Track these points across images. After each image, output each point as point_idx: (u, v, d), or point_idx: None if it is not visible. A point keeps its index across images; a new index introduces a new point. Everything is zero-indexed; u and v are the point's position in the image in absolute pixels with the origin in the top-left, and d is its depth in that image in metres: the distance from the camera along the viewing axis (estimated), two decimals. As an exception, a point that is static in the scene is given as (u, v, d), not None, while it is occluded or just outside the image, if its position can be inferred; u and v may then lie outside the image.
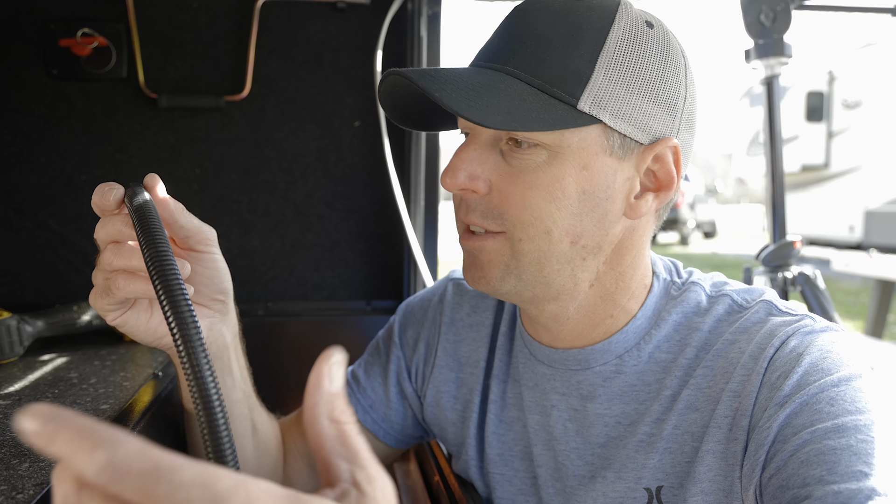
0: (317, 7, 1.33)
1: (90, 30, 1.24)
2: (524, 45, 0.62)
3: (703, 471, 0.62)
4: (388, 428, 0.89)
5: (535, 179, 0.62)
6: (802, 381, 0.57)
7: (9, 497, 0.50)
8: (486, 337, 0.83)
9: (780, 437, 0.55)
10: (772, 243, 1.77)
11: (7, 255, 1.27)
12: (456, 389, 0.83)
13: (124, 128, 1.29)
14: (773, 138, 1.77)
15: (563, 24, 0.62)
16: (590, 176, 0.62)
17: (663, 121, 0.63)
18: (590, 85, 0.60)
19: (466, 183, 0.64)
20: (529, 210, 0.62)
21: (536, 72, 0.61)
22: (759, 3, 1.65)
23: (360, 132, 1.38)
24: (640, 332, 0.69)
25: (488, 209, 0.65)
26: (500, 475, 0.78)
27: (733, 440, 0.60)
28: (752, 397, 0.59)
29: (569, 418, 0.72)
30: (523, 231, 0.63)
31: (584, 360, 0.71)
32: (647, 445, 0.66)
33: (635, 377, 0.69)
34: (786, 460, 0.53)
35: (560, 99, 0.60)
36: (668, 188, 0.66)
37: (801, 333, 0.61)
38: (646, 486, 0.66)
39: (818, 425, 0.53)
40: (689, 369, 0.66)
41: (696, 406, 0.64)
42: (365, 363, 0.92)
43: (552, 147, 0.61)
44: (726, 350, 0.64)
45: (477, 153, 0.64)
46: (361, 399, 0.89)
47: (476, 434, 0.81)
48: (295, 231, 1.38)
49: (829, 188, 7.96)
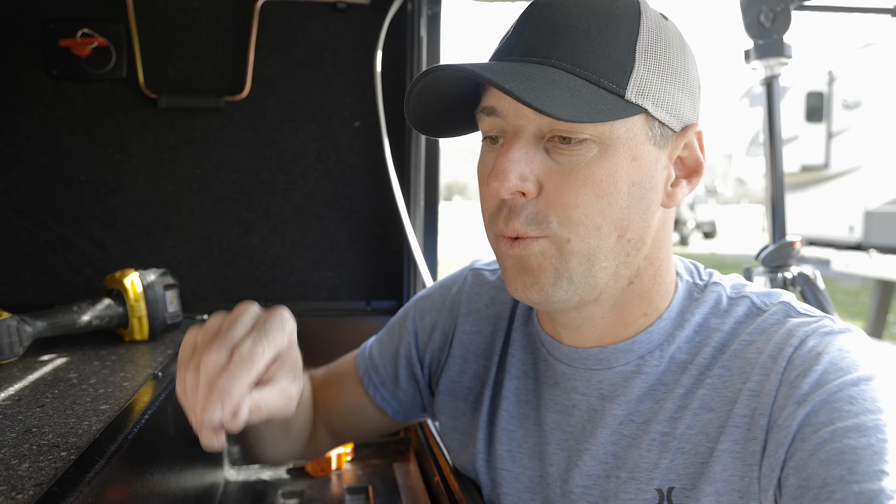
0: (317, 7, 1.33)
1: (90, 30, 1.24)
2: (563, 37, 0.60)
3: (718, 471, 0.61)
4: (396, 406, 0.92)
5: (588, 176, 0.60)
6: (822, 379, 0.56)
7: (9, 497, 0.50)
8: (502, 331, 0.82)
9: (799, 436, 0.54)
10: (772, 243, 1.77)
11: (7, 255, 1.27)
12: (470, 380, 0.84)
13: (124, 128, 1.29)
14: (773, 139, 1.77)
15: (595, 15, 0.61)
16: (638, 167, 0.62)
17: (688, 108, 0.64)
18: (634, 74, 0.60)
19: (518, 185, 0.61)
20: (581, 208, 0.60)
21: (582, 63, 0.59)
22: (758, 4, 1.65)
23: (360, 132, 1.38)
24: (664, 334, 0.69)
25: (535, 213, 0.62)
26: (508, 472, 0.77)
27: (751, 440, 0.59)
28: (771, 396, 0.59)
29: (588, 418, 0.71)
30: (572, 230, 0.61)
31: (605, 360, 0.70)
32: (661, 445, 0.66)
33: (654, 378, 0.68)
34: (805, 459, 0.52)
35: (608, 89, 0.59)
36: (697, 173, 0.67)
37: (819, 334, 0.61)
38: (657, 487, 0.65)
39: (838, 424, 0.52)
40: (705, 369, 0.66)
41: (712, 406, 0.64)
42: (380, 342, 0.94)
43: (602, 140, 0.60)
44: (744, 350, 0.64)
45: (523, 153, 0.61)
46: (373, 376, 0.92)
47: (486, 428, 0.80)
48: (295, 231, 1.38)
49: (829, 188, 7.95)
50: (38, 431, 0.65)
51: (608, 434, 0.69)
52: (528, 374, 0.78)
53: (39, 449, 0.60)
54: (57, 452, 0.59)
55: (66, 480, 0.53)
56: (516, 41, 0.63)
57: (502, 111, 0.63)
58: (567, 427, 0.73)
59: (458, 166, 67.33)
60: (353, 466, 1.22)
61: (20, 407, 0.73)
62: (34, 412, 0.71)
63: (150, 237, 1.32)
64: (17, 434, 0.64)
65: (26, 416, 0.69)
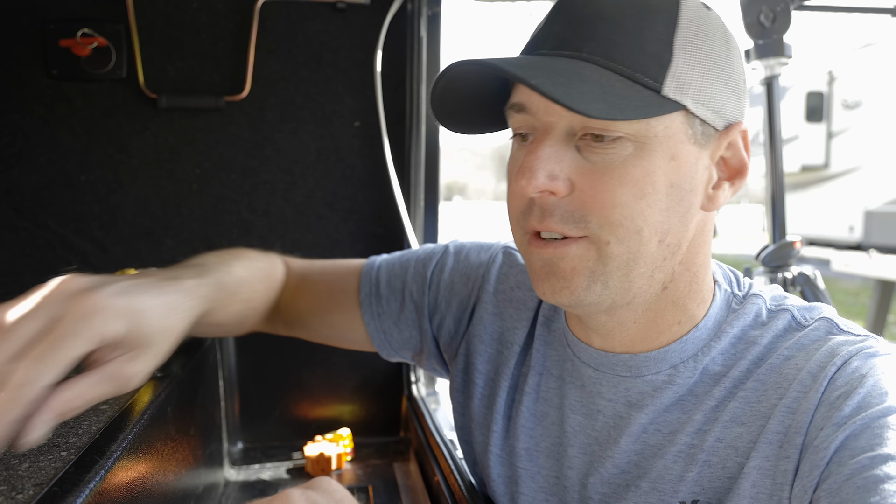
0: (317, 7, 1.33)
1: (90, 30, 1.24)
2: (595, 30, 0.57)
3: (746, 487, 0.59)
4: (385, 342, 0.89)
5: (623, 175, 0.57)
6: (864, 403, 0.54)
7: (9, 497, 0.50)
8: (526, 320, 0.78)
9: (835, 459, 0.52)
10: (772, 243, 1.77)
11: (7, 255, 1.27)
12: (486, 364, 0.80)
13: (124, 128, 1.29)
14: (773, 138, 1.77)
15: (630, 5, 0.58)
16: (677, 167, 0.59)
17: (732, 104, 0.61)
18: (671, 68, 0.56)
19: (546, 184, 0.58)
20: (619, 209, 0.57)
21: (616, 56, 0.56)
22: (758, 4, 1.65)
23: (360, 132, 1.38)
24: (699, 344, 0.65)
25: (570, 212, 0.58)
26: (525, 470, 0.75)
27: (784, 458, 0.57)
28: (809, 415, 0.56)
29: (613, 425, 0.68)
30: (612, 233, 0.58)
31: (635, 368, 0.67)
32: (687, 457, 0.63)
33: (686, 389, 0.65)
34: (841, 484, 0.50)
35: (644, 84, 0.56)
36: (742, 175, 0.63)
37: (864, 355, 0.58)
38: (681, 500, 0.63)
39: (878, 451, 0.50)
40: (739, 382, 0.63)
41: (743, 420, 0.61)
42: (390, 271, 0.89)
43: (638, 138, 0.57)
44: (781, 365, 0.61)
45: (553, 150, 0.58)
46: (374, 304, 0.88)
47: (502, 422, 0.77)
48: (295, 231, 1.38)
49: (829, 188, 7.96)
50: (38, 431, 0.65)
51: (631, 442, 0.66)
52: (552, 371, 0.75)
53: (39, 449, 0.60)
54: (57, 452, 0.59)
55: (66, 480, 0.53)
56: (547, 34, 0.60)
57: (532, 108, 0.60)
58: (591, 431, 0.70)
59: (458, 166, 67.11)
60: (353, 466, 1.22)
61: (20, 407, 0.73)
62: (34, 412, 0.71)
63: (150, 237, 1.32)
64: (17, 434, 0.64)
65: (26, 416, 0.69)
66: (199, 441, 0.99)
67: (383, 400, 1.39)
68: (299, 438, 1.28)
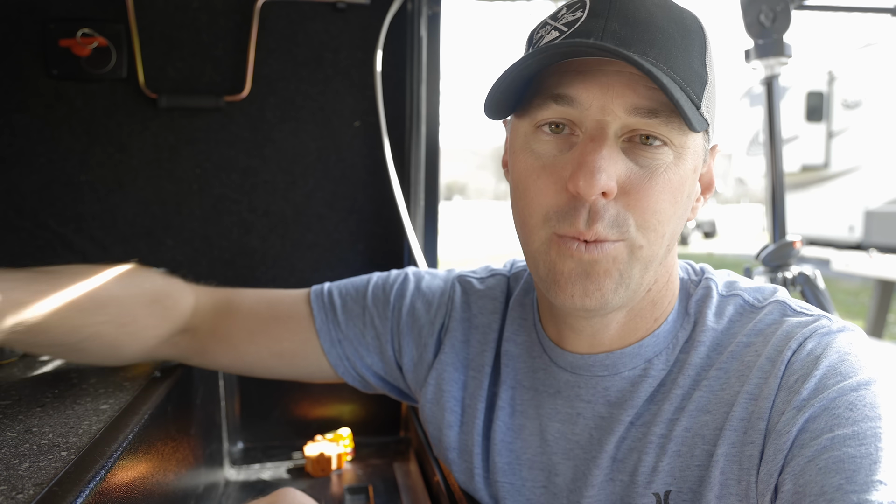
0: (317, 7, 1.33)
1: (90, 30, 1.24)
2: (654, 36, 0.56)
3: (716, 475, 0.60)
4: (350, 366, 0.86)
5: (667, 182, 0.58)
6: (820, 385, 0.55)
7: (9, 497, 0.50)
8: (492, 342, 0.80)
9: (798, 442, 0.54)
10: (772, 243, 1.77)
11: (7, 255, 1.27)
12: (459, 391, 0.81)
13: (124, 128, 1.29)
14: (773, 138, 1.77)
15: (674, 21, 0.58)
16: (693, 180, 0.62)
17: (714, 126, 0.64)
18: (707, 88, 0.59)
19: (607, 185, 0.56)
20: (657, 214, 0.59)
21: (675, 67, 0.56)
22: (758, 3, 1.65)
23: (360, 132, 1.38)
24: (670, 335, 0.68)
25: (615, 216, 0.58)
26: (509, 484, 0.75)
27: (749, 444, 0.59)
28: (770, 400, 0.58)
29: (595, 426, 0.69)
30: (645, 236, 0.59)
31: (612, 366, 0.68)
32: (659, 448, 0.65)
33: (659, 380, 0.67)
34: (803, 466, 0.52)
35: (691, 99, 0.57)
36: (710, 190, 0.68)
37: (818, 335, 0.60)
38: (654, 491, 0.64)
39: (837, 431, 0.52)
40: (702, 370, 0.65)
41: (708, 409, 0.63)
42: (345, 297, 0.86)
43: (677, 148, 0.58)
44: (741, 352, 0.63)
45: (609, 151, 0.57)
46: (333, 329, 0.85)
47: (482, 442, 0.78)
48: (295, 231, 1.38)
49: (829, 188, 7.95)
50: (38, 431, 0.65)
51: (616, 440, 0.68)
52: (524, 383, 0.76)
53: (39, 448, 0.60)
54: (57, 452, 0.59)
55: (66, 480, 0.53)
56: (601, 28, 0.56)
57: (584, 103, 0.57)
58: (572, 436, 0.71)
59: (459, 166, 67.15)
60: (353, 466, 1.22)
61: (20, 407, 0.73)
62: (34, 412, 0.71)
63: (150, 237, 1.32)
64: (18, 434, 0.64)
65: (26, 416, 0.69)
66: (199, 441, 0.99)
67: (383, 400, 1.38)
68: (299, 438, 1.28)
